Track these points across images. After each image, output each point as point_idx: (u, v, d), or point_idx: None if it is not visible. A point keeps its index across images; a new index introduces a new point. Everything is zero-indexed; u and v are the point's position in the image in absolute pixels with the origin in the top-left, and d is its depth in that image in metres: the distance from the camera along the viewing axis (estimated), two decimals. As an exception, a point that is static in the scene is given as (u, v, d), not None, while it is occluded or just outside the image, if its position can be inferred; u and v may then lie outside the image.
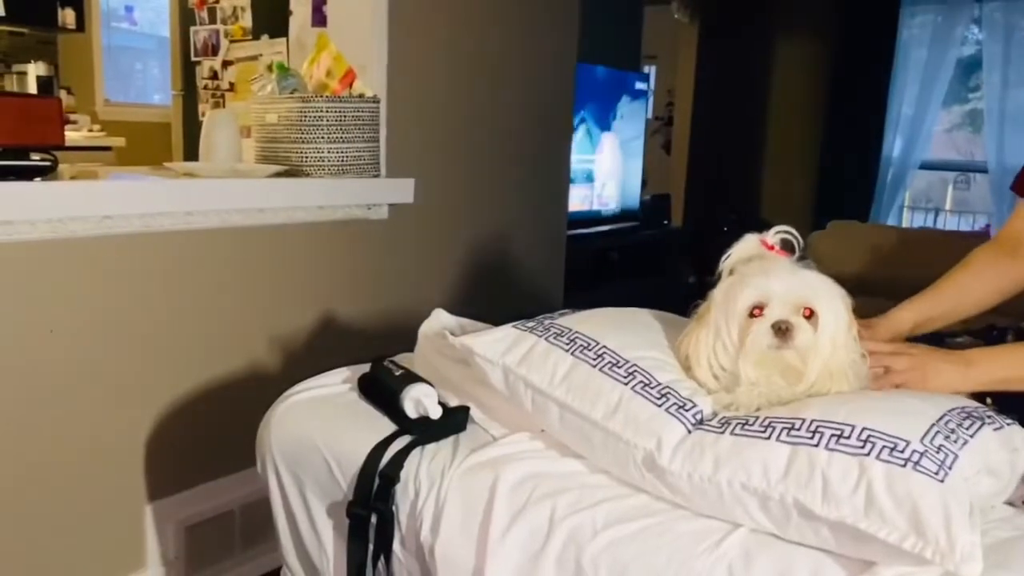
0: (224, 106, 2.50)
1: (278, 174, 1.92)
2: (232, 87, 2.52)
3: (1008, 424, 1.07)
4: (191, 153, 2.06)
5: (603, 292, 3.66)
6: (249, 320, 1.86)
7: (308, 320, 1.99)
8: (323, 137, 1.93)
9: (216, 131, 1.98)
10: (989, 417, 1.06)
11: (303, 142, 1.93)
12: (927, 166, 5.03)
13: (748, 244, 1.19)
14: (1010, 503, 1.08)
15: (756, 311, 1.12)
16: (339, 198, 1.99)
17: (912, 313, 1.34)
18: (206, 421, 1.81)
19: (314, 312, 2.00)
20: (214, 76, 2.54)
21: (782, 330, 1.09)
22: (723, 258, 1.20)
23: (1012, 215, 1.40)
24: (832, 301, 1.12)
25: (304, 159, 1.94)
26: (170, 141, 3.04)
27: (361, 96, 2.02)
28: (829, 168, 5.01)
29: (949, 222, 5.34)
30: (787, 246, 1.19)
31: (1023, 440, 1.07)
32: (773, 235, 1.17)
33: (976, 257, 1.39)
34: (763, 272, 1.13)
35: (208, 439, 1.83)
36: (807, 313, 1.10)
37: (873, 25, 4.82)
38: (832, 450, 0.95)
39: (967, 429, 1.00)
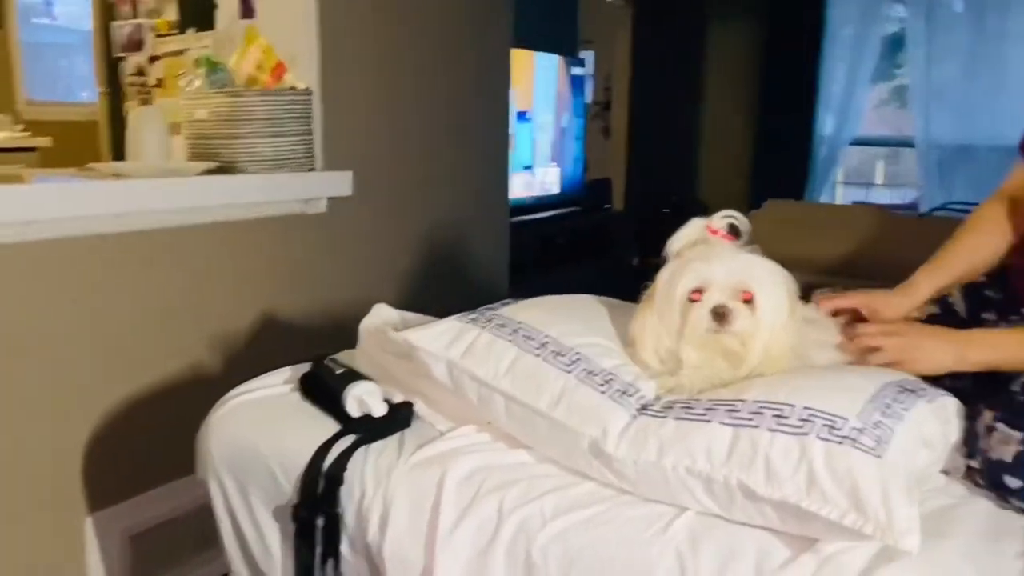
0: (151, 103, 2.42)
1: (210, 171, 1.87)
2: (159, 83, 2.44)
3: (941, 396, 1.10)
4: (119, 153, 1.99)
5: (548, 278, 3.67)
6: (187, 322, 1.82)
7: (248, 320, 1.95)
8: (256, 132, 1.89)
9: (143, 129, 1.92)
10: (923, 390, 1.09)
11: (235, 137, 1.89)
12: (858, 142, 5.14)
13: (693, 228, 1.20)
14: (945, 472, 1.11)
15: (695, 295, 1.12)
16: (275, 193, 1.95)
17: (928, 283, 1.32)
18: (147, 427, 1.76)
19: (253, 312, 1.96)
20: (140, 72, 2.46)
21: (720, 314, 1.10)
22: (669, 242, 1.21)
23: (1012, 173, 1.38)
24: (772, 285, 1.13)
25: (237, 155, 1.89)
26: (97, 141, 2.94)
27: (293, 89, 1.98)
28: (764, 147, 5.10)
29: (881, 196, 5.49)
30: (733, 230, 1.20)
31: (955, 411, 1.10)
32: (719, 219, 1.18)
33: (982, 217, 1.38)
34: (704, 257, 1.14)
35: (150, 445, 1.78)
36: (746, 297, 1.11)
37: (802, 5, 4.90)
38: (773, 431, 0.96)
39: (902, 403, 1.02)
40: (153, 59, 2.41)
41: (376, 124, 2.22)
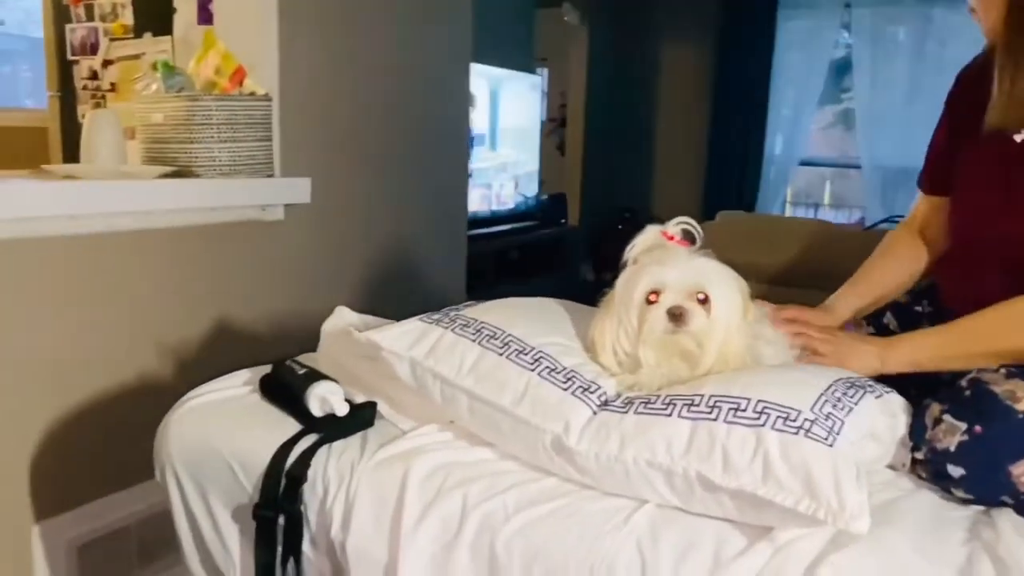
0: (105, 107, 2.39)
1: (166, 175, 1.85)
2: (113, 87, 2.41)
3: (887, 392, 1.14)
4: (71, 157, 1.96)
5: (503, 291, 3.68)
6: (140, 328, 1.79)
7: (204, 326, 1.92)
8: (213, 136, 1.87)
9: (98, 132, 1.89)
10: (870, 386, 1.13)
11: (192, 142, 1.87)
12: (806, 163, 5.29)
13: (649, 235, 1.23)
14: (891, 467, 1.15)
15: (652, 297, 1.15)
16: (232, 199, 1.94)
17: (844, 306, 1.42)
18: (96, 435, 1.73)
19: (210, 318, 1.94)
20: (94, 76, 2.42)
21: (676, 315, 1.13)
22: (627, 248, 1.24)
23: (915, 205, 1.48)
24: (725, 287, 1.16)
25: (194, 159, 1.87)
26: (47, 147, 2.88)
27: (252, 94, 1.97)
28: (715, 166, 5.21)
29: (828, 216, 5.63)
30: (688, 236, 1.23)
31: (901, 407, 1.15)
32: (674, 226, 1.22)
33: (895, 242, 1.48)
34: (659, 261, 1.17)
35: (99, 454, 1.74)
36: (701, 298, 1.14)
37: (753, 28, 5.04)
38: (730, 423, 0.99)
39: (851, 397, 1.06)
40: (107, 63, 2.38)
41: (335, 132, 2.23)
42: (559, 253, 4.57)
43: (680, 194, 5.26)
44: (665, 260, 1.17)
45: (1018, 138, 1.23)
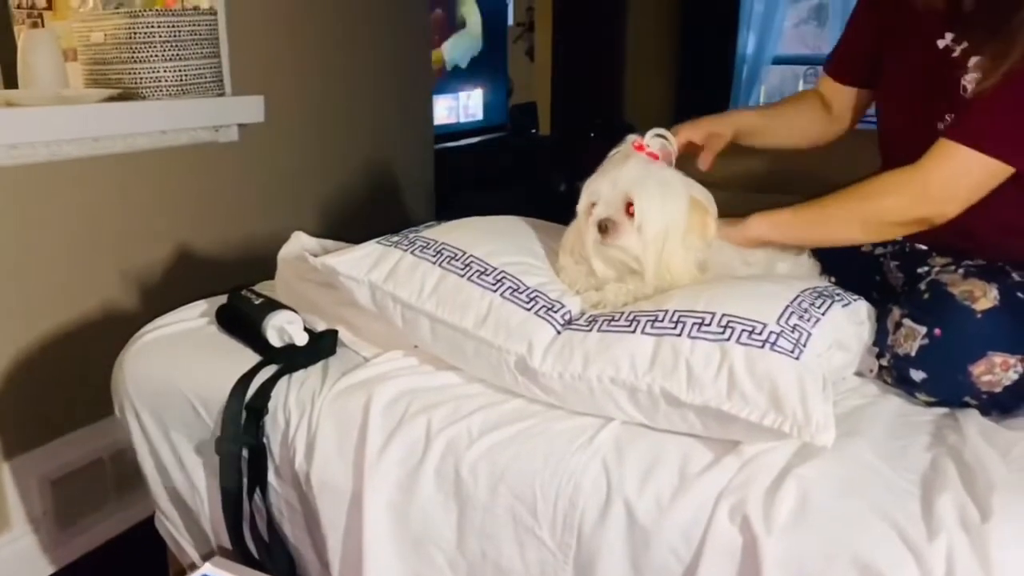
0: (43, 27, 2.26)
1: (111, 98, 1.76)
2: (50, 4, 2.27)
3: (855, 300, 1.13)
4: (10, 82, 1.86)
5: (475, 205, 3.62)
6: (95, 259, 1.73)
7: (161, 255, 1.87)
8: (157, 55, 1.78)
9: (34, 53, 1.79)
10: (838, 295, 1.11)
11: (135, 61, 1.77)
12: (779, 61, 5.17)
13: (624, 144, 1.20)
14: (859, 373, 1.15)
15: (592, 207, 1.14)
16: (182, 121, 1.85)
17: (738, 115, 1.43)
18: (59, 368, 1.69)
19: (166, 246, 1.88)
20: (28, -6, 2.28)
21: (602, 228, 1.12)
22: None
23: (819, 81, 1.47)
24: (657, 198, 1.12)
25: (138, 80, 1.78)
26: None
27: (196, 8, 1.86)
28: (687, 68, 5.08)
29: (802, 116, 5.55)
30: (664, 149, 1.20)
31: (868, 314, 1.14)
32: (650, 137, 1.18)
33: (805, 97, 1.49)
34: (603, 170, 1.16)
35: (65, 387, 1.71)
36: (631, 211, 1.11)
37: (723, -79, 4.84)
38: (695, 338, 0.97)
39: (819, 308, 1.04)
40: (41, -21, 2.24)
41: (288, 46, 2.12)
42: (530, 164, 4.49)
43: (652, 98, 5.15)
44: (609, 170, 1.15)
45: (940, 44, 1.19)
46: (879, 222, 1.16)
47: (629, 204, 1.11)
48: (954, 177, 1.10)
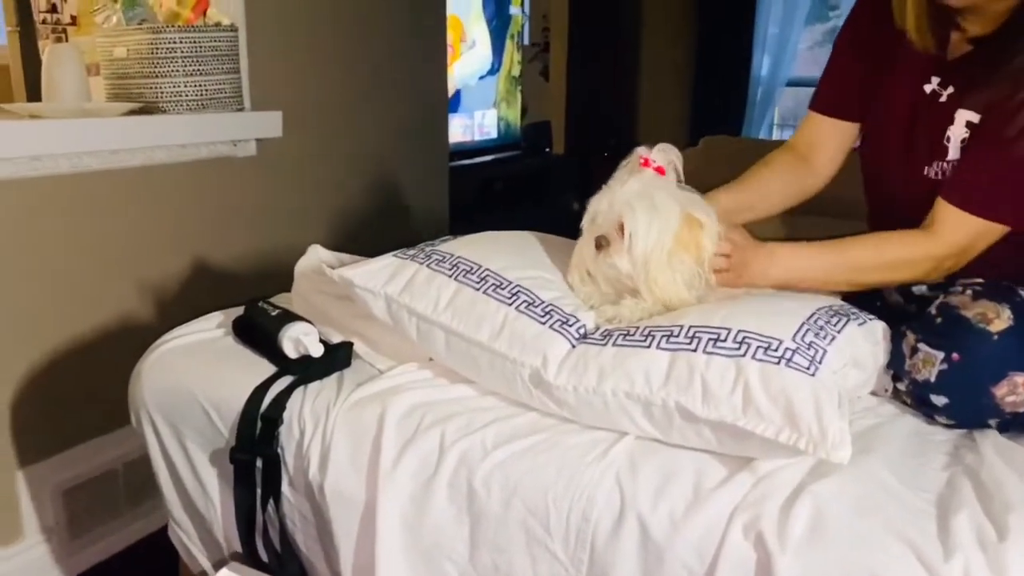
0: (67, 41, 2.30)
1: (132, 112, 1.79)
2: (74, 20, 2.31)
3: (870, 319, 1.12)
4: (34, 96, 1.88)
5: (488, 223, 3.63)
6: (113, 270, 1.75)
7: (178, 267, 1.89)
8: (179, 70, 1.80)
9: (58, 68, 1.81)
10: (854, 314, 1.11)
11: (157, 76, 1.80)
12: (793, 83, 5.18)
13: (631, 158, 1.20)
14: (874, 393, 1.14)
15: (593, 223, 1.16)
16: (202, 135, 1.87)
17: (726, 196, 1.36)
18: (77, 379, 1.70)
19: (184, 257, 1.90)
20: (53, 9, 2.32)
21: (597, 244, 1.13)
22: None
23: (802, 124, 1.43)
24: (644, 219, 1.11)
25: (160, 95, 1.81)
26: (9, 85, 2.78)
27: (217, 25, 1.89)
28: (701, 89, 5.10)
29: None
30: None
31: (883, 333, 1.14)
32: (656, 152, 1.18)
33: (775, 158, 1.42)
34: (607, 187, 1.17)
35: (81, 397, 1.72)
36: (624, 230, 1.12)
37: (739, -55, 4.87)
38: (710, 353, 0.97)
39: (835, 325, 1.04)
40: (66, -5, 2.28)
41: (306, 62, 2.15)
42: (544, 182, 4.51)
43: (666, 119, 5.17)
44: (612, 187, 1.16)
45: (927, 88, 1.20)
46: (892, 283, 1.24)
47: (620, 222, 1.12)
48: (971, 248, 1.15)
